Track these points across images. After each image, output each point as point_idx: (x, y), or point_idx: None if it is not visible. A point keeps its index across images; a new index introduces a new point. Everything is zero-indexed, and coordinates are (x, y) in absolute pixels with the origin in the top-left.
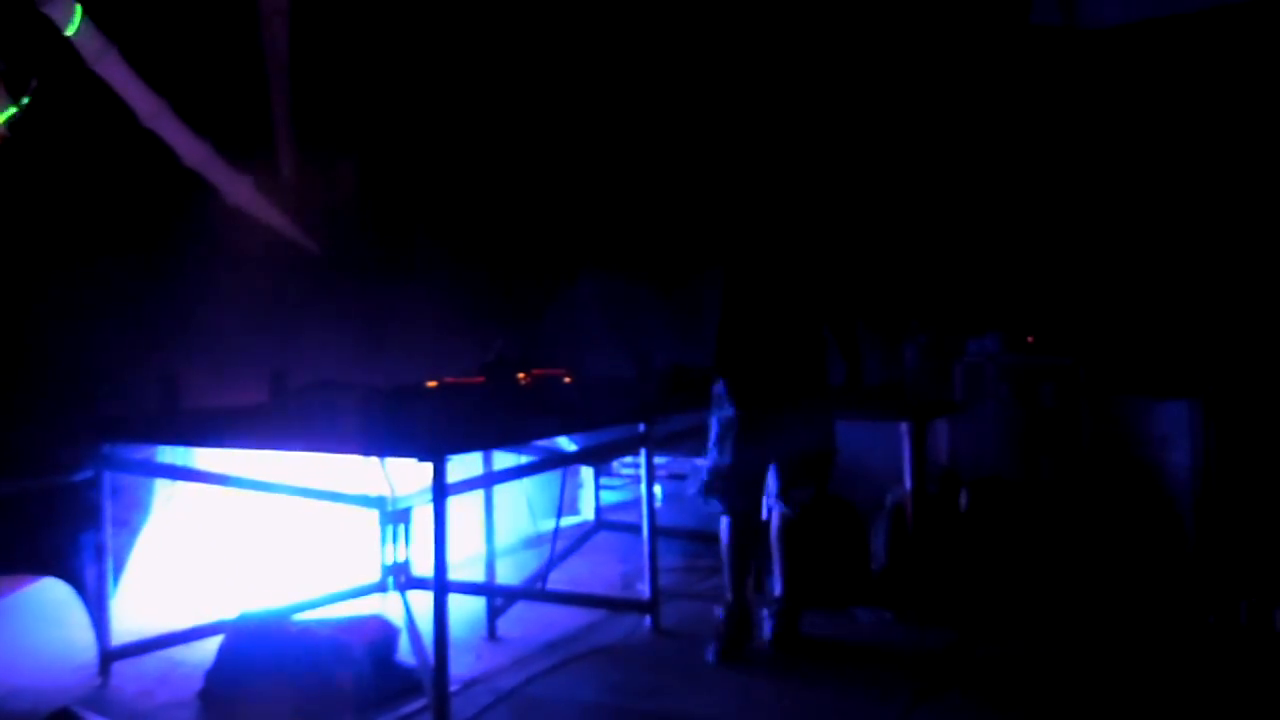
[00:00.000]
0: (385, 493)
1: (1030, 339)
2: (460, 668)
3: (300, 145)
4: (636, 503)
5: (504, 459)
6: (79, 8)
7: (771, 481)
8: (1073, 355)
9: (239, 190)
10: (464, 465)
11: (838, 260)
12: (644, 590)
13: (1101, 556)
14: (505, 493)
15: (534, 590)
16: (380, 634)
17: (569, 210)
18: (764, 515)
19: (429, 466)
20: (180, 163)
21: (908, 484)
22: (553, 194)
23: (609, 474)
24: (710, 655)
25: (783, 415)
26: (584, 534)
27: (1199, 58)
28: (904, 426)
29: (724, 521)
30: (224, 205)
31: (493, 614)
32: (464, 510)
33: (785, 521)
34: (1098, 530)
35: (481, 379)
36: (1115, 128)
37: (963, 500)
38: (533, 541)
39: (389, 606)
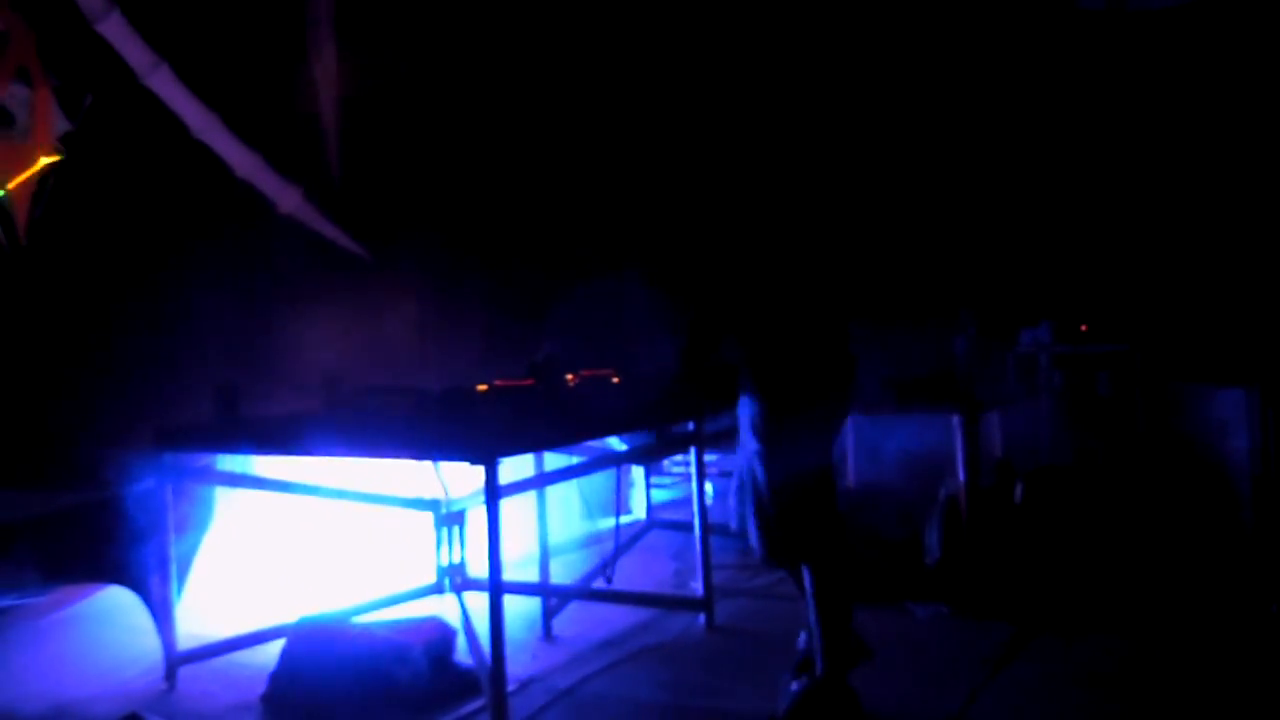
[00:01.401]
0: (439, 496)
1: (1084, 327)
2: (517, 667)
3: (350, 154)
4: (687, 501)
5: (555, 460)
6: None
7: None
8: (1128, 342)
9: (289, 200)
10: (516, 467)
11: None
12: (697, 588)
13: (1160, 546)
14: (558, 493)
15: (588, 590)
16: (438, 635)
17: (614, 212)
18: None
19: (481, 469)
20: (232, 174)
21: (961, 476)
22: (598, 196)
23: (659, 473)
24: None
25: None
26: (636, 533)
27: (1250, 40)
28: (956, 419)
29: (825, 579)
30: (276, 215)
31: (548, 614)
32: (517, 511)
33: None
34: (1156, 519)
35: (531, 381)
36: (1167, 113)
37: (1018, 492)
38: (586, 541)
39: (446, 608)
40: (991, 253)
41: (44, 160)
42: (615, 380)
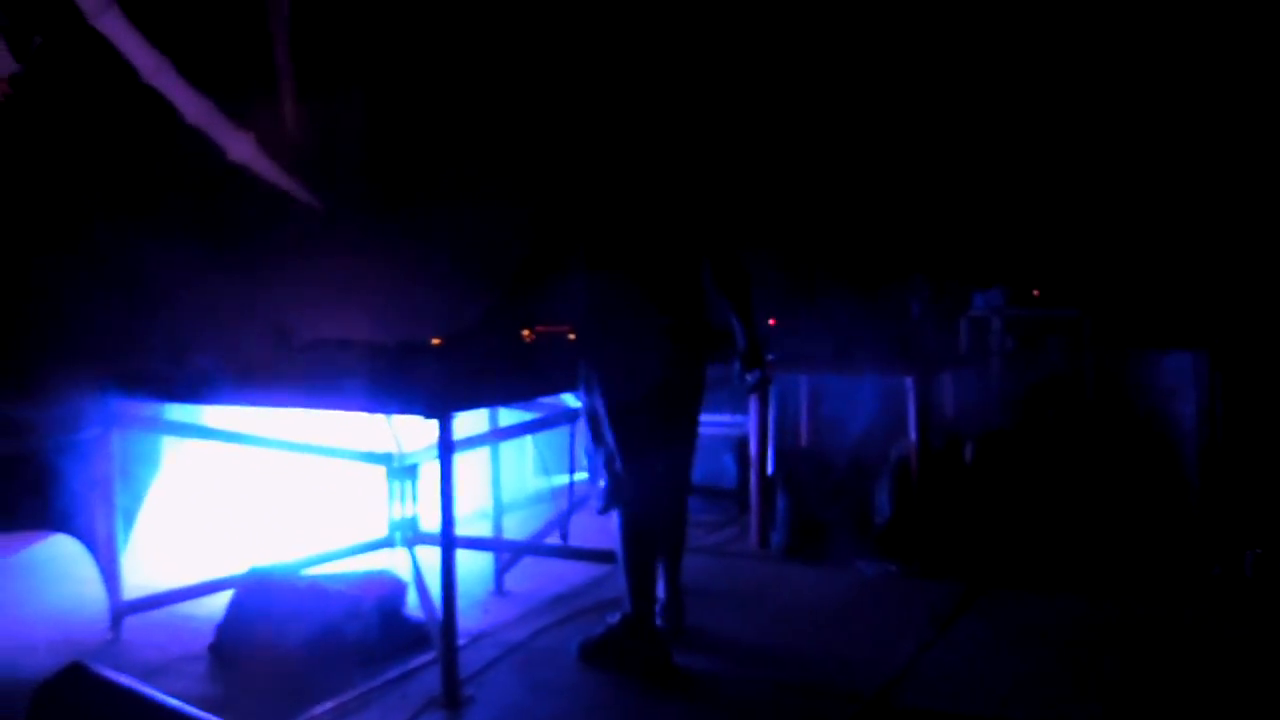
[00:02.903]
0: (392, 449)
1: (1036, 292)
2: (468, 622)
3: (304, 100)
4: None
5: (510, 415)
6: None
7: None
8: (1078, 308)
9: (241, 147)
10: (470, 421)
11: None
12: None
13: (1107, 509)
14: (512, 449)
15: (541, 545)
16: (389, 589)
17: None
18: None
19: (435, 423)
20: (182, 120)
21: (913, 437)
22: (558, 146)
23: None
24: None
25: (671, 396)
26: (591, 490)
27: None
28: (909, 380)
29: (629, 527)
30: (227, 162)
31: (500, 569)
32: (471, 466)
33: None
34: (1103, 483)
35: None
36: (1119, 75)
37: (968, 453)
38: (540, 497)
39: (397, 562)
40: (947, 217)
41: None
42: (572, 336)
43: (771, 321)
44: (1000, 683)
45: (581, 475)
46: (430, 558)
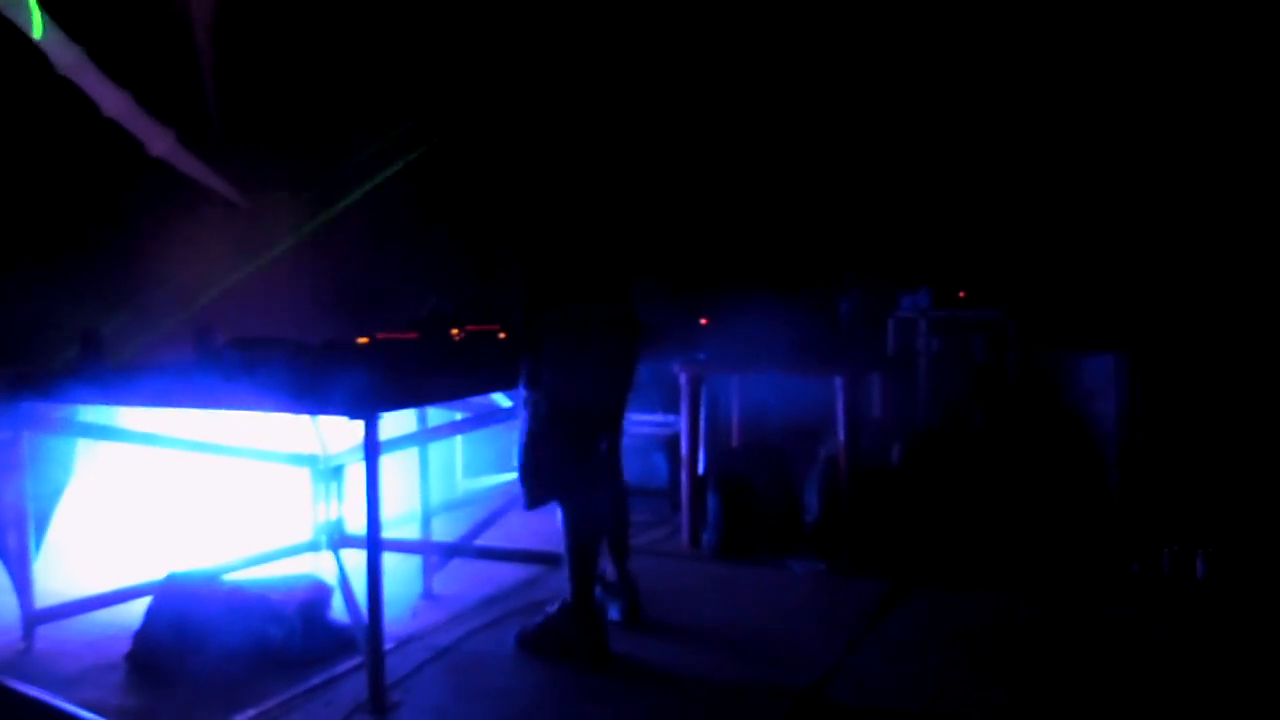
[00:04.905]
0: (317, 450)
1: (961, 294)
2: (396, 625)
3: (227, 96)
4: None
5: (438, 416)
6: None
7: None
8: (1003, 309)
9: (162, 143)
10: (397, 422)
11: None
12: None
13: (1030, 506)
14: (440, 450)
15: (470, 547)
16: (313, 593)
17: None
18: None
19: (361, 424)
20: (100, 114)
21: (841, 437)
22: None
23: None
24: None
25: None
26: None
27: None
28: (838, 380)
29: (574, 518)
30: (146, 158)
31: (429, 571)
32: (398, 467)
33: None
34: (1027, 481)
35: (414, 335)
36: (1044, 81)
37: (895, 453)
38: (468, 499)
39: (322, 566)
40: (874, 217)
41: None
42: (502, 336)
43: (703, 321)
44: (927, 678)
45: (507, 476)
46: (356, 561)
